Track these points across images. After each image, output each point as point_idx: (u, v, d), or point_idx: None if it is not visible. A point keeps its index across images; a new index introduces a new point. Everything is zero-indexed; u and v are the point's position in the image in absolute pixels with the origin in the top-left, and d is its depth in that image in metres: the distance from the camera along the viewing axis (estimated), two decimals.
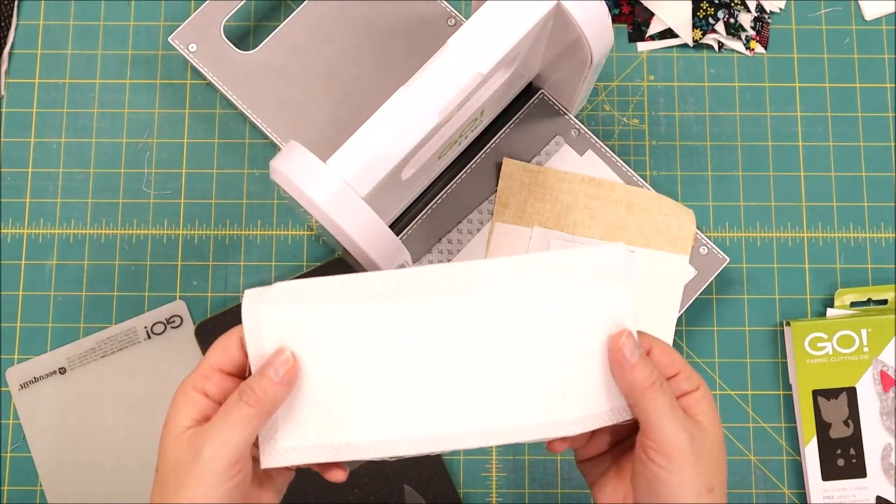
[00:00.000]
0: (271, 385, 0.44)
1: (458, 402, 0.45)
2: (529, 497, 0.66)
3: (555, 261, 0.45)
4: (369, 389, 0.45)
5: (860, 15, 0.72)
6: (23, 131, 0.70)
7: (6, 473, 0.66)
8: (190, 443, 0.43)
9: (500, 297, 0.45)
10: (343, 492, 0.64)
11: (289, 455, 0.45)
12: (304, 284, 0.45)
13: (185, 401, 0.45)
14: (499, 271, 0.45)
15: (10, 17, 0.71)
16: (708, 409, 0.45)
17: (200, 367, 0.46)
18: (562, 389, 0.45)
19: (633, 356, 0.44)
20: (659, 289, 0.66)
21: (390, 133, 0.51)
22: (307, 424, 0.45)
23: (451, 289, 0.45)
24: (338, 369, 0.45)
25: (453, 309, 0.45)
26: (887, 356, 0.65)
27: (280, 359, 0.45)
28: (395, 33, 0.69)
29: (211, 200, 0.69)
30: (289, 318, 0.45)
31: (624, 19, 0.72)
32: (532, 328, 0.45)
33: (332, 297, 0.45)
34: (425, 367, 0.45)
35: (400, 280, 0.45)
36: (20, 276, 0.68)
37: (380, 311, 0.45)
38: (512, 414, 0.45)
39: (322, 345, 0.45)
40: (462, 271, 0.45)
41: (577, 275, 0.45)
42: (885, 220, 0.69)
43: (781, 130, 0.71)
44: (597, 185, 0.67)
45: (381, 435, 0.45)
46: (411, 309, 0.45)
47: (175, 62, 0.71)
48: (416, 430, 0.45)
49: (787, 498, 0.66)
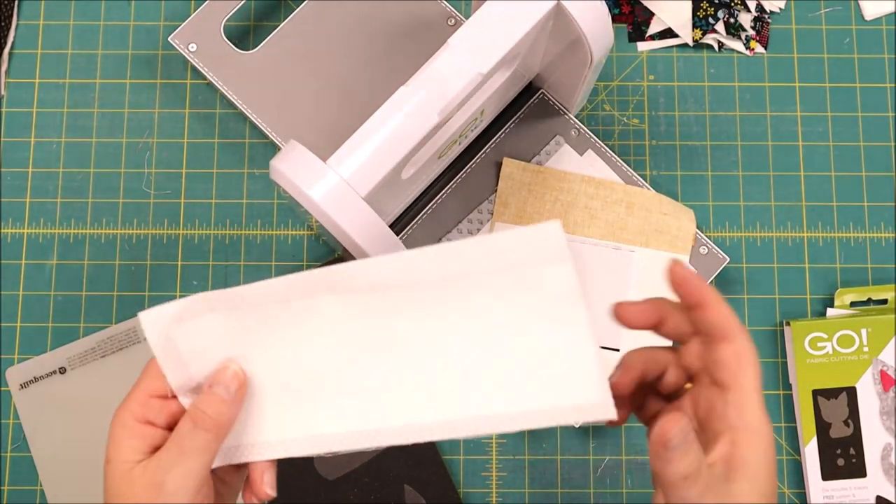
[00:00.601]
0: (225, 405, 0.42)
1: (391, 397, 0.43)
2: (529, 497, 0.66)
3: (488, 245, 0.40)
4: (299, 389, 0.43)
5: (860, 15, 0.72)
6: (23, 131, 0.70)
7: (6, 473, 0.66)
8: (145, 479, 0.41)
9: (431, 289, 0.41)
10: (343, 492, 0.64)
11: (232, 454, 0.44)
12: (208, 296, 0.42)
13: (128, 434, 0.42)
14: (429, 261, 0.41)
15: (10, 17, 0.71)
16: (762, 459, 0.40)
17: (136, 396, 0.43)
18: (497, 384, 0.42)
19: (674, 443, 0.39)
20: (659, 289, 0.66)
21: (390, 133, 0.51)
22: (247, 424, 0.44)
23: (372, 285, 0.42)
24: (266, 372, 0.43)
25: (373, 303, 0.42)
26: (887, 356, 0.65)
27: (227, 375, 0.42)
28: (395, 33, 0.69)
29: (211, 200, 0.69)
30: (206, 333, 0.43)
31: (624, 19, 0.72)
32: (466, 318, 0.42)
33: (243, 304, 0.42)
34: (356, 362, 0.43)
35: (314, 280, 0.42)
36: (20, 276, 0.68)
37: (297, 311, 0.42)
38: (446, 407, 0.42)
39: (247, 352, 0.43)
40: (389, 264, 0.41)
41: (511, 259, 0.40)
42: (885, 220, 0.69)
43: (781, 130, 0.71)
44: (597, 185, 0.67)
45: (304, 432, 0.43)
46: (332, 305, 0.42)
47: (175, 62, 0.71)
48: (347, 426, 0.43)
49: (787, 498, 0.66)
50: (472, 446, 0.66)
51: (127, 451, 0.42)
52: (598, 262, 0.66)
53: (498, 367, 0.42)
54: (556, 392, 0.41)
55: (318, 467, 0.65)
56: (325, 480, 0.65)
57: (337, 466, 0.65)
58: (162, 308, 0.42)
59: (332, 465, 0.65)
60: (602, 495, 0.66)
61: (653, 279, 0.66)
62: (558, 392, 0.41)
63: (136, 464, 0.42)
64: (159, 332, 0.42)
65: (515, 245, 0.40)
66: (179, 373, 0.43)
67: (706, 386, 0.42)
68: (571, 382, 0.41)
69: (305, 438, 0.44)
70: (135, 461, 0.42)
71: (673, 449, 0.39)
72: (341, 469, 0.65)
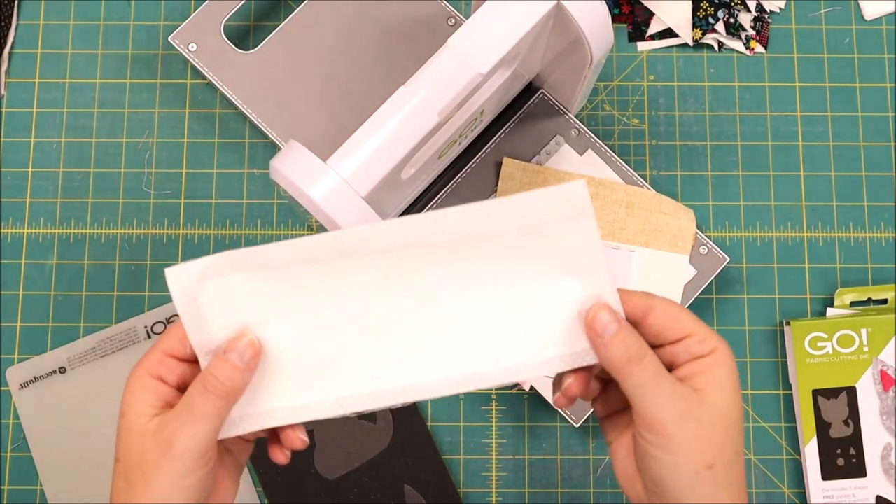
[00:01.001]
0: (237, 372, 0.42)
1: (420, 353, 0.44)
2: (529, 497, 0.66)
3: (515, 203, 0.42)
4: (324, 351, 0.44)
5: (860, 15, 0.72)
6: (23, 131, 0.70)
7: (6, 473, 0.66)
8: (156, 437, 0.41)
9: (458, 247, 0.43)
10: (343, 492, 0.64)
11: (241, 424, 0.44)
12: (234, 255, 0.42)
13: (142, 388, 0.43)
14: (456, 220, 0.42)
15: (10, 17, 0.71)
16: (719, 376, 0.42)
17: (153, 353, 0.43)
18: (525, 333, 0.43)
19: (607, 331, 0.41)
20: (659, 288, 0.66)
21: (390, 133, 0.51)
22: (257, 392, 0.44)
23: (397, 244, 0.43)
24: (289, 336, 0.44)
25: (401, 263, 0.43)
26: (887, 356, 0.65)
27: (242, 343, 0.42)
28: (395, 33, 0.69)
29: (211, 200, 0.69)
30: (230, 293, 0.43)
31: (624, 19, 0.72)
32: (493, 274, 0.43)
33: (269, 264, 0.43)
34: (382, 322, 0.43)
35: (340, 240, 0.43)
36: (20, 276, 0.68)
37: (324, 272, 0.43)
38: (476, 360, 0.44)
39: (270, 314, 0.43)
40: (415, 225, 0.42)
41: (537, 215, 0.42)
42: (885, 220, 0.69)
43: (781, 130, 0.71)
44: (597, 185, 0.67)
45: (338, 392, 0.43)
46: (356, 268, 0.43)
47: (175, 62, 0.71)
48: (375, 385, 0.43)
49: (787, 498, 0.66)
50: (472, 446, 0.66)
51: (140, 404, 0.43)
52: None
53: (522, 317, 0.44)
54: (578, 337, 0.44)
55: (319, 467, 0.65)
56: (325, 480, 0.65)
57: (337, 466, 0.65)
58: (188, 265, 0.42)
59: (332, 465, 0.65)
60: (602, 495, 0.66)
61: (653, 279, 0.66)
62: (580, 337, 0.44)
63: (148, 418, 0.42)
64: (183, 289, 0.43)
65: (542, 202, 0.42)
66: (200, 331, 0.43)
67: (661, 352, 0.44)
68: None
69: (331, 400, 0.44)
70: (147, 415, 0.42)
71: (605, 327, 0.41)
72: (341, 469, 0.65)
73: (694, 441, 0.41)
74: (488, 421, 0.67)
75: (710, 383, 0.42)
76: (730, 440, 0.42)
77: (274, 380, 0.44)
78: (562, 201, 0.42)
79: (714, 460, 0.41)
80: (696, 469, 0.41)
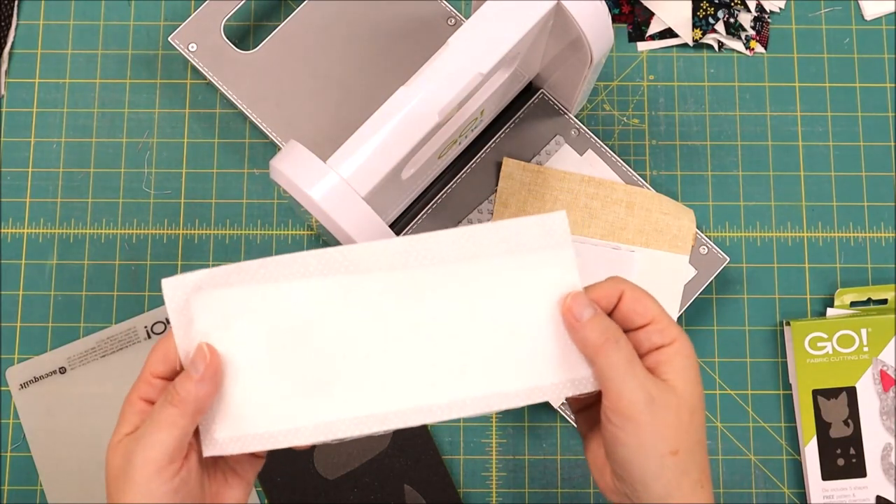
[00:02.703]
0: (192, 384, 0.43)
1: (406, 379, 0.44)
2: (529, 497, 0.66)
3: (497, 231, 0.44)
4: (312, 372, 0.44)
5: (860, 15, 0.72)
6: (23, 131, 0.70)
7: (6, 473, 0.66)
8: (124, 450, 0.43)
9: (444, 271, 0.44)
10: (343, 492, 0.64)
11: (227, 445, 0.44)
12: (230, 269, 0.43)
13: (131, 411, 0.44)
14: (441, 244, 0.44)
15: (10, 17, 0.71)
16: (681, 366, 0.43)
17: (142, 376, 0.45)
18: (507, 361, 0.44)
19: (584, 314, 0.43)
20: (659, 288, 0.66)
21: (390, 133, 0.51)
22: (244, 413, 0.44)
23: (391, 264, 0.44)
24: (277, 354, 0.44)
25: (394, 285, 0.44)
26: (887, 356, 0.65)
27: (199, 355, 0.43)
28: (395, 33, 0.69)
29: (211, 200, 0.69)
30: (223, 306, 0.43)
31: (624, 19, 0.72)
32: (477, 300, 0.44)
33: (265, 278, 0.43)
34: (370, 345, 0.44)
35: (336, 258, 0.43)
36: (20, 276, 0.68)
37: (318, 290, 0.43)
38: (458, 388, 0.44)
39: (261, 329, 0.44)
40: (405, 246, 0.44)
41: (520, 242, 0.44)
42: (885, 220, 0.69)
43: (781, 130, 0.71)
44: (597, 185, 0.67)
45: (322, 418, 0.44)
46: (350, 286, 0.43)
47: (175, 62, 0.71)
48: (361, 411, 0.44)
49: (787, 498, 0.66)
50: (473, 446, 0.66)
51: (124, 425, 0.44)
52: (598, 262, 0.66)
53: (504, 345, 0.44)
54: (556, 369, 0.44)
55: (318, 467, 0.65)
56: (325, 480, 0.65)
57: (337, 466, 0.65)
58: (185, 276, 0.43)
59: (332, 465, 0.65)
60: (602, 495, 0.66)
61: (653, 279, 0.66)
62: (557, 369, 0.44)
63: (125, 436, 0.44)
64: (177, 299, 0.43)
65: (524, 230, 0.44)
66: (189, 343, 0.44)
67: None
68: (569, 360, 0.44)
69: (316, 426, 0.44)
70: (125, 434, 0.44)
71: (580, 310, 0.43)
72: (341, 469, 0.65)
73: (660, 427, 0.42)
74: (488, 421, 0.67)
75: (673, 372, 0.43)
76: (692, 427, 0.43)
77: (257, 397, 0.44)
78: (543, 230, 0.44)
79: (678, 446, 0.42)
80: (661, 454, 0.42)
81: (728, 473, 0.66)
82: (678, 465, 0.42)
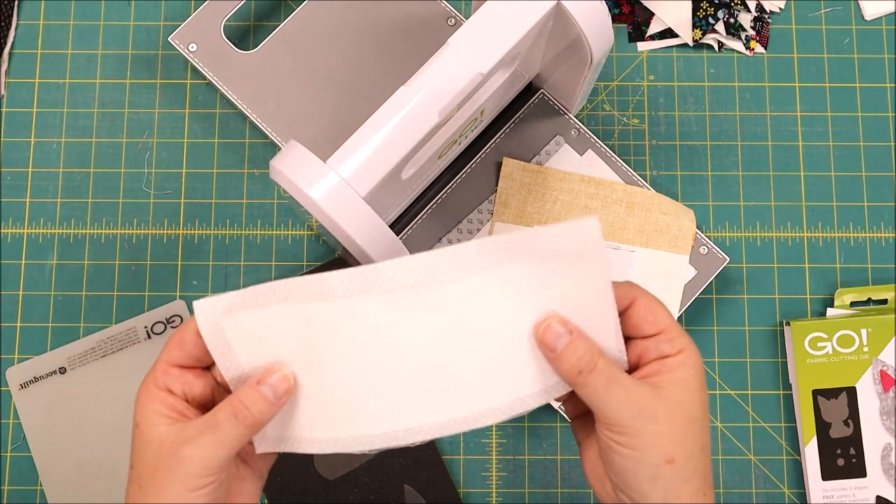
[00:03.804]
0: (266, 404, 0.43)
1: (436, 393, 0.44)
2: (529, 497, 0.66)
3: (523, 241, 0.43)
4: (343, 389, 0.44)
5: (860, 15, 0.72)
6: (23, 131, 0.70)
7: (6, 473, 0.66)
8: (171, 448, 0.43)
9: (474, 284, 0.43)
10: (343, 492, 0.64)
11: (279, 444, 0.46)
12: (259, 290, 0.44)
13: (151, 399, 0.44)
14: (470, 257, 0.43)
15: (10, 17, 0.71)
16: (683, 375, 0.43)
17: (158, 365, 0.45)
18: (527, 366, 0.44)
19: (557, 345, 0.42)
20: (659, 288, 0.66)
21: (390, 133, 0.51)
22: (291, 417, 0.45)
23: (417, 282, 0.43)
24: (309, 372, 0.44)
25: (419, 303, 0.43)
26: (887, 356, 0.65)
27: (275, 377, 0.44)
28: (395, 33, 0.69)
29: (211, 200, 0.69)
30: (255, 327, 0.44)
31: (624, 19, 0.72)
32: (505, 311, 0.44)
33: (291, 298, 0.44)
34: (397, 361, 0.44)
35: (359, 278, 0.43)
36: (20, 276, 0.68)
37: (344, 310, 0.43)
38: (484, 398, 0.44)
39: (291, 348, 0.44)
40: (427, 262, 0.43)
41: (547, 253, 0.43)
42: (885, 220, 0.69)
43: (781, 130, 0.71)
44: (597, 185, 0.67)
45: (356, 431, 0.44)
46: (375, 306, 0.43)
47: (175, 62, 0.71)
48: (392, 426, 0.44)
49: (787, 498, 0.66)
50: (472, 446, 0.66)
51: (152, 414, 0.44)
52: None
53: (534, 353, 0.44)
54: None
55: (318, 467, 0.65)
56: (325, 480, 0.65)
57: (337, 466, 0.65)
58: (215, 299, 0.44)
59: (332, 465, 0.65)
60: None
61: (653, 279, 0.66)
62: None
63: (162, 427, 0.44)
64: (210, 322, 0.44)
65: (555, 238, 0.42)
66: (229, 360, 0.45)
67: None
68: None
69: (348, 438, 0.45)
70: (160, 424, 0.44)
71: (556, 342, 0.42)
72: (341, 469, 0.65)
73: (653, 436, 0.42)
74: None
75: (670, 381, 0.43)
76: (691, 435, 0.43)
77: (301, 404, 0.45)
78: (576, 237, 0.42)
79: (674, 455, 0.42)
80: (656, 463, 0.42)
81: (728, 473, 0.66)
82: (676, 474, 0.42)
